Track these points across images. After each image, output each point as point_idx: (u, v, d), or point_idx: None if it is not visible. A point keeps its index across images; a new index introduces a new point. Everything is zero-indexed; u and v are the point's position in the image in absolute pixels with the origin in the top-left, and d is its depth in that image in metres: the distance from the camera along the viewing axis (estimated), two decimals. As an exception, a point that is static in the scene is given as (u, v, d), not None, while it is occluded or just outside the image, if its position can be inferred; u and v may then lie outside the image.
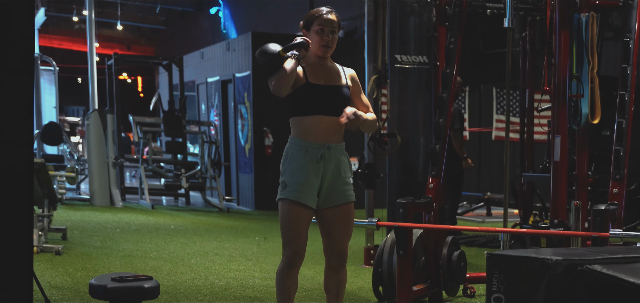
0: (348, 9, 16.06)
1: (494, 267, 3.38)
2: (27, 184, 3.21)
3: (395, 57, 7.10)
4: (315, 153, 3.82)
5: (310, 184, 3.82)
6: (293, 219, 3.82)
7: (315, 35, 3.89)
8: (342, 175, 3.89)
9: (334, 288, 3.99)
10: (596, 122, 5.22)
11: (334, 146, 3.86)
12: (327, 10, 3.91)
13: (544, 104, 5.85)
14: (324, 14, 3.89)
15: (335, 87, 3.89)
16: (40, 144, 14.22)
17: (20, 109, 3.18)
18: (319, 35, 3.88)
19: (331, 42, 3.89)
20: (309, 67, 3.90)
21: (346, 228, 3.92)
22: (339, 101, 3.88)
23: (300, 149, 3.85)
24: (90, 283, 3.64)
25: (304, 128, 3.85)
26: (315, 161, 3.82)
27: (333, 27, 3.89)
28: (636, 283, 2.87)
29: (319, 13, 3.90)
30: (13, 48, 3.15)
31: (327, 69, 3.94)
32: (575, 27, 5.10)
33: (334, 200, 3.88)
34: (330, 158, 3.85)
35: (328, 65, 3.95)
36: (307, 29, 3.93)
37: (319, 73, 3.89)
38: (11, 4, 3.14)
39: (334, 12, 3.92)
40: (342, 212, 3.90)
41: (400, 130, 7.05)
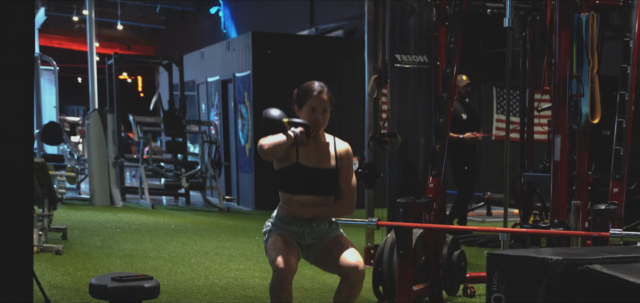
0: (348, 8, 16.07)
1: (494, 267, 3.37)
2: (27, 184, 3.21)
3: (396, 56, 7.10)
4: (298, 228, 3.92)
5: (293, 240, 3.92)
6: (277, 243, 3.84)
7: (306, 114, 3.89)
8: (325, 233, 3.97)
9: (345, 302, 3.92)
10: (596, 122, 5.21)
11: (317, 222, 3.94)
12: (319, 88, 3.90)
13: (544, 103, 5.85)
14: (315, 94, 3.88)
15: (324, 171, 3.91)
16: (40, 143, 14.22)
17: (21, 109, 3.17)
18: (311, 115, 3.88)
19: (323, 121, 3.90)
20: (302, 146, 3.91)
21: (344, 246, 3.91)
22: (326, 183, 3.92)
23: (283, 222, 3.95)
24: (90, 283, 3.64)
25: (291, 205, 3.92)
26: (298, 234, 3.93)
27: (325, 106, 3.90)
28: (636, 283, 2.87)
29: (310, 92, 3.89)
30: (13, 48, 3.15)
31: (319, 148, 3.94)
32: (576, 26, 5.09)
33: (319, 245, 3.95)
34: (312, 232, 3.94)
35: (321, 142, 3.96)
36: (299, 106, 3.93)
37: (310, 153, 3.90)
38: (11, 3, 3.14)
39: (325, 90, 3.91)
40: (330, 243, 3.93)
41: (400, 130, 7.05)
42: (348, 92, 12.51)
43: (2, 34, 3.12)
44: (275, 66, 12.64)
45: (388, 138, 6.89)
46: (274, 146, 3.78)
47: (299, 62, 12.64)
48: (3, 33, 3.12)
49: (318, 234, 3.95)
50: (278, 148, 3.79)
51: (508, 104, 5.62)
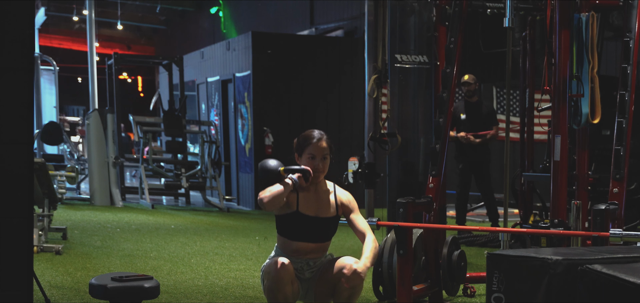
0: (348, 8, 16.06)
1: (494, 267, 3.38)
2: (27, 184, 3.21)
3: (396, 56, 7.10)
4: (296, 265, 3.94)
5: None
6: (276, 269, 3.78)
7: (306, 162, 3.92)
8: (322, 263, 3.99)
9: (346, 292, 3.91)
10: (596, 122, 5.21)
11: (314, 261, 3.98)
12: (318, 136, 3.93)
13: (544, 103, 5.85)
14: (314, 141, 3.91)
15: (324, 220, 3.95)
16: (40, 143, 14.22)
17: (21, 109, 3.17)
18: (310, 162, 3.91)
19: (323, 169, 3.93)
20: (302, 192, 3.93)
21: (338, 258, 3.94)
22: (325, 231, 3.97)
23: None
24: (90, 283, 3.64)
25: (289, 250, 3.96)
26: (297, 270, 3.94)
27: (325, 154, 3.92)
28: (636, 283, 2.87)
29: (310, 140, 3.92)
30: (13, 47, 3.15)
31: (319, 197, 3.97)
32: (576, 26, 5.09)
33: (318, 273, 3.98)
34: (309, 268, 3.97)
35: (321, 190, 3.98)
36: (299, 154, 3.95)
37: (310, 201, 3.93)
38: (11, 3, 3.14)
39: (325, 138, 3.93)
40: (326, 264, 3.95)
41: (400, 130, 7.06)
42: (348, 92, 12.51)
43: (2, 34, 3.12)
44: (275, 66, 12.64)
45: (388, 138, 6.89)
46: (273, 198, 3.80)
47: (299, 62, 12.64)
48: (3, 33, 3.12)
49: (315, 268, 4.00)
50: (278, 199, 3.81)
51: (508, 104, 5.62)
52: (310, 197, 3.94)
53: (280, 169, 3.87)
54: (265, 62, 12.65)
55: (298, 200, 3.93)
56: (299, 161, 3.96)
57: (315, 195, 3.97)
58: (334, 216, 3.99)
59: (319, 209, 3.95)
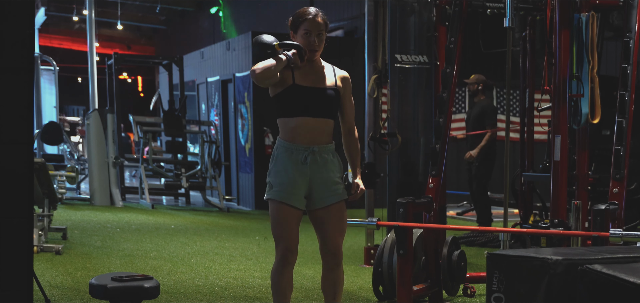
0: (348, 8, 16.06)
1: (494, 267, 3.38)
2: (27, 184, 3.21)
3: (396, 56, 7.10)
4: (300, 155, 3.82)
5: (296, 186, 3.83)
6: (281, 218, 3.83)
7: (301, 38, 3.86)
8: (330, 175, 3.87)
9: (331, 288, 3.99)
10: (596, 122, 5.22)
11: (320, 148, 3.84)
12: (314, 12, 3.87)
13: (544, 103, 5.85)
14: (310, 17, 3.85)
15: (321, 90, 3.86)
16: (40, 143, 14.22)
17: (21, 109, 3.17)
18: (305, 39, 3.85)
19: (318, 45, 3.86)
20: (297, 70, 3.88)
21: (338, 226, 3.91)
22: (324, 102, 3.85)
23: (285, 151, 3.85)
24: (90, 283, 3.64)
25: (289, 130, 3.84)
26: (300, 163, 3.82)
27: (320, 30, 3.86)
28: (636, 283, 2.87)
29: (305, 16, 3.86)
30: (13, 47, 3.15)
31: (316, 70, 3.90)
32: (576, 26, 5.09)
33: (323, 200, 3.88)
34: (316, 160, 3.84)
35: (317, 66, 3.92)
36: (294, 31, 3.91)
37: (306, 74, 3.86)
38: (11, 3, 3.14)
39: (320, 14, 3.87)
40: (332, 211, 3.88)
41: (400, 130, 7.05)
42: (348, 92, 12.50)
43: (2, 34, 3.12)
44: (275, 66, 12.62)
45: (388, 138, 6.89)
46: (265, 69, 3.72)
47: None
48: (3, 33, 3.12)
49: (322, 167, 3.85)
50: (270, 72, 3.73)
51: (508, 104, 5.62)
52: (306, 71, 3.87)
53: (274, 44, 3.79)
54: (265, 62, 12.62)
55: (293, 75, 3.85)
56: (294, 38, 3.89)
57: (312, 69, 3.89)
58: (334, 87, 3.89)
59: (316, 80, 3.86)
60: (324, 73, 3.91)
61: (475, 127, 8.71)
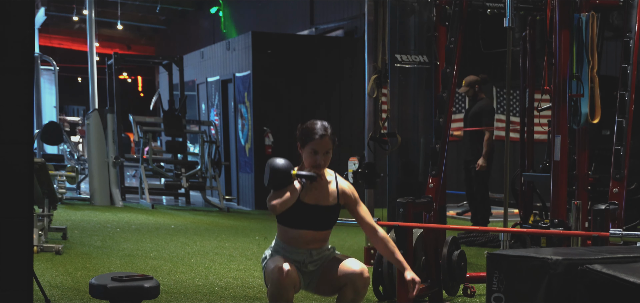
0: (348, 8, 16.06)
1: (494, 267, 3.38)
2: (27, 184, 3.21)
3: (396, 56, 7.10)
4: (298, 257, 3.93)
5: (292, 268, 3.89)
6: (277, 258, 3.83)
7: (308, 156, 3.91)
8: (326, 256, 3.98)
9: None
10: (596, 122, 5.22)
11: (317, 251, 3.95)
12: (322, 131, 3.88)
13: (544, 103, 5.85)
14: (317, 138, 3.87)
15: (323, 208, 3.93)
16: (40, 143, 14.22)
17: (20, 109, 3.17)
18: (312, 157, 3.89)
19: (324, 163, 3.92)
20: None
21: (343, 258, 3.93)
22: (325, 220, 3.95)
23: (284, 250, 3.95)
24: (90, 283, 3.64)
25: (288, 237, 3.94)
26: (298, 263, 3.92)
27: (327, 149, 3.90)
28: (636, 283, 2.87)
29: (313, 135, 3.88)
30: (13, 48, 3.15)
31: (320, 186, 3.94)
32: (576, 26, 5.09)
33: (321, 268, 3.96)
34: (312, 261, 3.95)
35: (322, 181, 3.96)
36: (302, 145, 3.93)
37: (310, 190, 3.92)
38: (11, 3, 3.14)
39: (328, 134, 3.90)
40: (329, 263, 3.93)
41: (400, 130, 7.06)
42: (348, 92, 12.52)
43: (2, 34, 3.12)
44: (275, 66, 12.64)
45: (388, 138, 6.89)
46: (284, 203, 3.82)
47: (299, 62, 12.63)
48: (3, 33, 3.12)
49: (319, 261, 3.98)
50: (289, 204, 3.84)
51: (508, 104, 5.62)
52: (311, 186, 3.93)
53: (292, 172, 3.85)
54: (265, 62, 12.65)
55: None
56: (301, 151, 3.94)
57: (316, 185, 3.95)
58: (335, 204, 3.98)
59: (319, 197, 3.94)
60: (327, 189, 3.96)
61: (472, 125, 8.74)
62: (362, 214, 4.01)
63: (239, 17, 22.62)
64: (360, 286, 3.82)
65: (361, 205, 4.04)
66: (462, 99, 11.88)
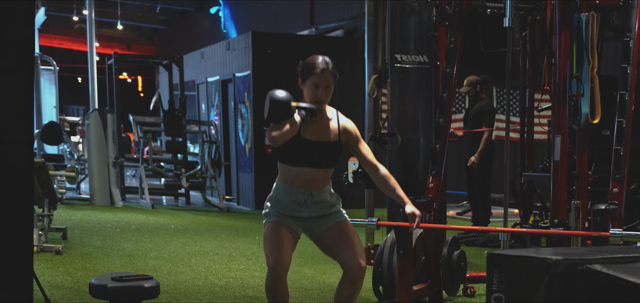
0: (348, 8, 16.07)
1: (494, 267, 3.38)
2: (28, 184, 3.21)
3: (396, 56, 7.10)
4: (299, 197, 3.88)
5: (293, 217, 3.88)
6: (274, 233, 3.83)
7: (309, 90, 3.87)
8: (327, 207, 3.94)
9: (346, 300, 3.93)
10: (596, 122, 5.22)
11: (318, 191, 3.90)
12: (323, 65, 3.85)
13: (544, 103, 5.85)
14: (318, 71, 3.84)
15: (324, 144, 3.88)
16: (40, 143, 14.22)
17: (20, 109, 3.17)
18: (313, 92, 3.86)
19: (325, 98, 3.88)
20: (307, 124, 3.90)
21: (347, 237, 3.89)
22: (326, 156, 3.89)
23: (284, 192, 3.91)
24: (90, 283, 3.64)
25: (289, 176, 3.90)
26: (298, 204, 3.88)
27: (328, 83, 3.87)
28: (636, 283, 2.87)
29: (314, 68, 3.85)
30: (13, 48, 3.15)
31: (321, 122, 3.91)
32: (576, 26, 5.09)
33: (323, 225, 3.92)
34: (314, 200, 3.90)
35: (323, 117, 3.93)
36: (303, 80, 3.90)
37: (311, 126, 3.88)
38: (11, 3, 3.14)
39: (330, 67, 3.86)
40: (335, 230, 3.91)
41: (400, 130, 7.05)
42: (348, 92, 12.52)
43: (2, 34, 3.12)
44: (275, 66, 12.64)
45: (388, 138, 6.88)
46: (283, 135, 3.77)
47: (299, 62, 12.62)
48: (3, 33, 3.12)
49: (319, 205, 3.92)
50: (288, 136, 3.78)
51: (508, 104, 5.62)
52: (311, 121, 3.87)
53: (292, 104, 3.78)
54: (265, 62, 12.65)
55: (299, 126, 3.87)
56: (302, 87, 3.91)
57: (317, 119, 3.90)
58: (336, 142, 3.91)
59: (320, 133, 3.89)
60: (328, 126, 3.92)
61: (473, 125, 8.75)
62: (363, 152, 3.98)
63: (239, 16, 22.62)
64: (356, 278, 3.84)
65: (363, 143, 4.01)
66: (462, 99, 11.89)
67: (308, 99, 3.88)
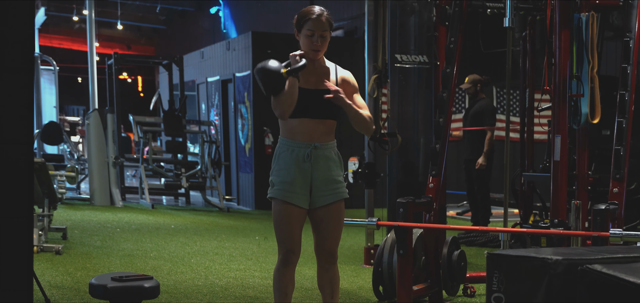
0: (348, 8, 16.06)
1: (494, 267, 3.38)
2: (27, 184, 3.20)
3: (396, 56, 7.10)
4: (302, 152, 3.83)
5: (298, 184, 3.83)
6: (283, 218, 3.84)
7: (304, 38, 3.86)
8: (331, 173, 3.87)
9: (328, 287, 3.98)
10: (596, 121, 5.22)
11: (321, 145, 3.85)
12: (318, 12, 3.85)
13: (544, 103, 5.85)
14: (313, 17, 3.83)
15: (322, 92, 3.84)
16: (40, 143, 14.22)
17: (20, 109, 3.17)
18: (308, 39, 3.84)
19: (321, 45, 3.86)
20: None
21: (335, 227, 3.91)
22: (324, 104, 3.83)
23: (287, 149, 3.86)
24: (90, 283, 3.64)
25: (289, 129, 3.86)
26: (302, 161, 3.83)
27: (323, 30, 3.85)
28: (636, 283, 2.87)
29: (309, 15, 3.84)
30: (13, 48, 3.15)
31: (318, 71, 3.90)
32: (576, 26, 5.09)
33: (324, 198, 3.88)
34: (317, 157, 3.84)
35: (320, 66, 3.92)
36: (298, 30, 3.89)
37: (308, 76, 3.86)
38: (11, 3, 3.13)
39: (325, 14, 3.86)
40: (331, 211, 3.88)
41: (400, 130, 7.05)
42: (348, 92, 12.50)
43: (2, 34, 3.12)
44: (275, 66, 12.62)
45: (388, 138, 6.88)
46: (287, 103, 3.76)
47: (299, 62, 12.62)
48: (3, 33, 3.12)
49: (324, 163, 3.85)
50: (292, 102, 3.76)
51: (508, 104, 5.62)
52: (308, 72, 3.85)
53: (282, 72, 3.75)
54: (265, 62, 12.63)
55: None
56: (298, 37, 3.89)
57: (314, 70, 3.88)
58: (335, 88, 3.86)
59: (317, 83, 3.85)
60: (326, 73, 3.91)
61: (473, 124, 8.76)
62: (358, 103, 3.91)
63: (239, 16, 22.62)
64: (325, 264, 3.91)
65: (358, 96, 3.96)
66: (462, 99, 11.89)
67: (304, 47, 3.85)
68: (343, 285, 6.00)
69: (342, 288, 5.91)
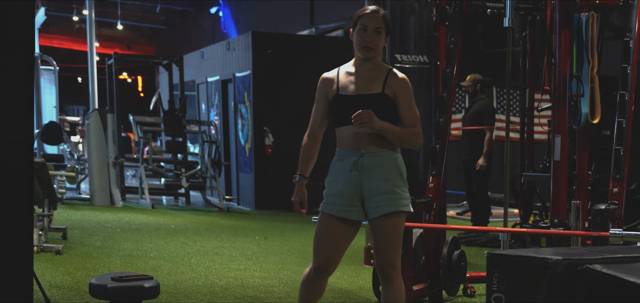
0: (348, 8, 16.06)
1: (494, 267, 3.38)
2: (28, 184, 3.21)
3: (396, 56, 7.09)
4: (349, 160, 3.63)
5: (345, 195, 3.64)
6: (319, 229, 3.69)
7: (357, 35, 3.61)
8: (385, 183, 3.61)
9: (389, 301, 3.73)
10: (596, 121, 5.22)
11: (371, 153, 3.60)
12: (373, 9, 3.62)
13: (544, 103, 5.85)
14: (368, 12, 3.60)
15: (364, 96, 3.61)
16: (40, 143, 14.22)
17: (21, 109, 3.17)
18: (359, 35, 3.60)
19: (374, 43, 3.59)
20: (345, 74, 3.71)
21: (387, 239, 3.63)
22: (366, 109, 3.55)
23: (338, 159, 3.70)
24: (90, 283, 3.64)
25: (338, 137, 3.70)
26: (349, 170, 3.63)
27: (376, 25, 3.58)
28: (636, 283, 2.87)
29: (363, 11, 3.62)
30: (13, 47, 3.15)
31: (366, 75, 3.65)
32: (576, 26, 5.10)
33: (376, 209, 3.63)
34: (366, 166, 3.61)
35: (369, 68, 3.66)
36: (353, 27, 3.67)
37: (352, 81, 3.66)
38: (11, 3, 3.14)
39: (380, 12, 3.61)
40: (384, 223, 3.62)
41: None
42: (348, 92, 12.50)
43: (2, 34, 3.12)
44: (275, 66, 12.64)
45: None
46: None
47: (299, 62, 12.63)
48: (3, 33, 3.12)
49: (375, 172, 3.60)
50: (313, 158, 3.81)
51: (508, 104, 5.62)
52: (354, 76, 3.65)
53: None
54: (265, 62, 12.65)
55: (338, 82, 3.69)
56: (352, 37, 3.67)
57: (361, 74, 3.65)
58: (379, 93, 3.60)
59: (359, 87, 3.62)
60: (374, 78, 3.65)
61: (472, 124, 8.76)
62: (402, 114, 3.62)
63: (239, 16, 22.62)
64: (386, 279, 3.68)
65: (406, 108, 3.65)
66: (462, 99, 11.89)
67: (356, 44, 3.63)
68: (343, 285, 6.01)
69: (342, 288, 5.92)
